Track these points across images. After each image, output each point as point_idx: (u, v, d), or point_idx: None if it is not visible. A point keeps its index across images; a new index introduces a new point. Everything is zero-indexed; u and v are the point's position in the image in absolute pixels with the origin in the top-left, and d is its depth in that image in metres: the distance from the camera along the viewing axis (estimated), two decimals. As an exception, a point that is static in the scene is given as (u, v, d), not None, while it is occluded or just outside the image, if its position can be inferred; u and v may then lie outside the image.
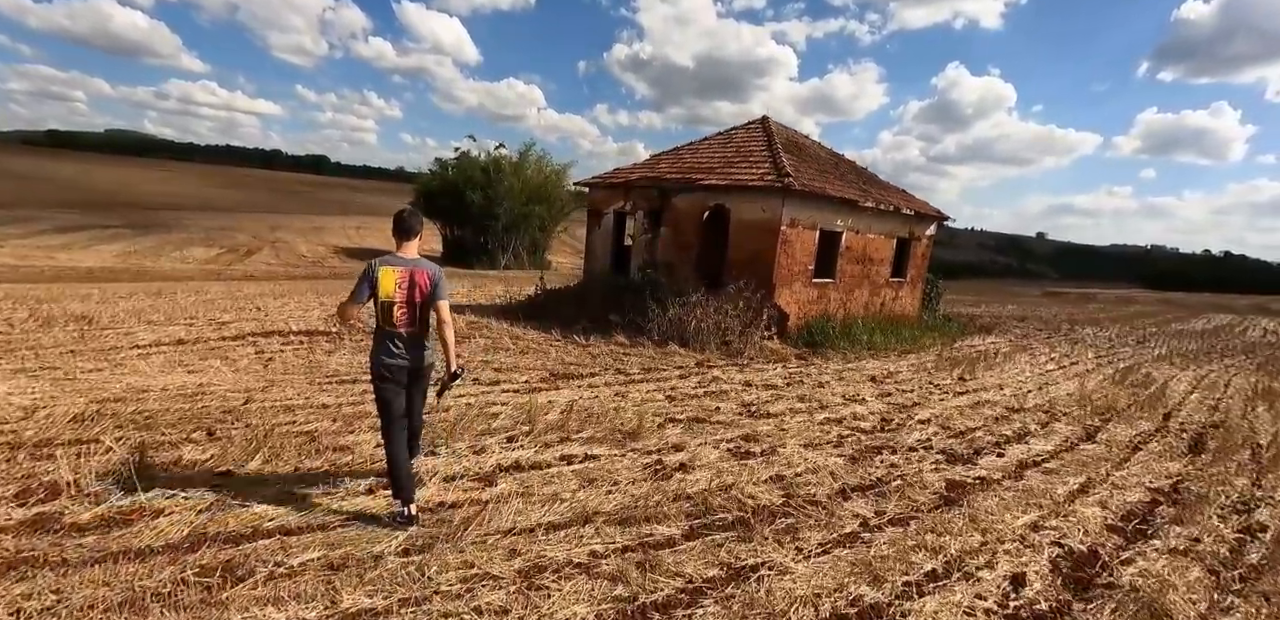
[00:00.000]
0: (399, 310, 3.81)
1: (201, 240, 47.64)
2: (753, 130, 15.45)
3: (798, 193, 12.07)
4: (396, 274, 3.78)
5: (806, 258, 12.98)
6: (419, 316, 3.89)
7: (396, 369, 3.90)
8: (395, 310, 3.80)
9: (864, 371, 11.01)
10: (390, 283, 3.76)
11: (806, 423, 7.23)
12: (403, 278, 3.79)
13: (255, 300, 16.98)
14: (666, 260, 14.06)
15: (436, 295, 3.86)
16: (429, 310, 3.91)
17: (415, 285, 3.81)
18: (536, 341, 11.39)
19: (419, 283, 3.82)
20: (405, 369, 3.93)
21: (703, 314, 11.52)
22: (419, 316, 3.89)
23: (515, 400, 7.13)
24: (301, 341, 10.55)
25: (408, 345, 3.90)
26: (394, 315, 3.81)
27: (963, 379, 11.24)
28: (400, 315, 3.82)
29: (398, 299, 3.79)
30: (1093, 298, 43.63)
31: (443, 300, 3.90)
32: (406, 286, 3.79)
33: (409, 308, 3.83)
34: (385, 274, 3.76)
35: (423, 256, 4.04)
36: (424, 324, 3.95)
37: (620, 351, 10.86)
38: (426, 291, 3.84)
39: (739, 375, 9.58)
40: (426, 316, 3.93)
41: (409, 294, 3.81)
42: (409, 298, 3.81)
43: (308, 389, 7.37)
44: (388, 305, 3.79)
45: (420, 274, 3.83)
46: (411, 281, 3.80)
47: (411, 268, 3.84)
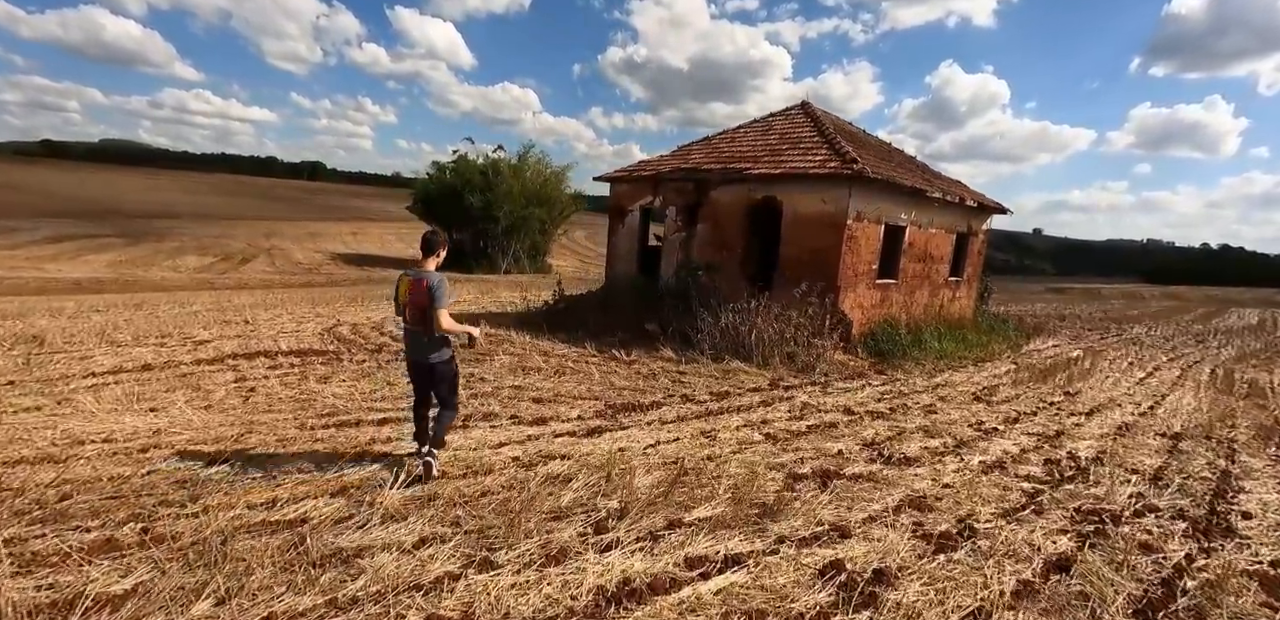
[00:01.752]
0: (409, 312, 4.27)
1: (195, 249, 45.23)
2: (794, 116, 13.51)
3: (866, 182, 10.14)
4: (408, 282, 4.24)
5: (871, 256, 11.04)
6: (424, 318, 4.22)
7: (411, 362, 4.54)
8: (407, 312, 4.28)
9: (957, 387, 9.07)
10: (404, 289, 4.25)
11: (963, 472, 5.26)
12: (412, 285, 4.21)
13: (244, 312, 14.85)
14: (706, 261, 12.08)
15: (433, 303, 4.15)
16: (429, 313, 4.18)
17: (418, 292, 4.18)
18: (571, 358, 9.37)
19: (420, 290, 4.17)
20: (415, 363, 4.50)
21: (763, 322, 9.56)
22: (424, 318, 4.22)
23: (577, 450, 5.12)
24: (292, 365, 8.48)
25: (417, 342, 4.37)
26: (407, 315, 4.30)
27: (1067, 394, 9.34)
28: (410, 315, 4.28)
29: (407, 301, 4.25)
30: (1097, 294, 42.07)
31: (440, 309, 4.16)
32: (411, 292, 4.21)
33: (416, 310, 4.24)
34: (402, 282, 4.28)
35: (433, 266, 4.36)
36: (429, 325, 4.22)
37: (673, 369, 8.86)
38: (424, 299, 4.17)
39: (828, 399, 7.61)
40: (430, 319, 4.20)
41: (414, 298, 4.21)
42: (414, 301, 4.22)
43: (297, 437, 5.33)
44: (402, 307, 4.30)
45: (421, 282, 4.18)
46: (416, 288, 4.19)
47: (417, 277, 4.23)
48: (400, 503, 3.90)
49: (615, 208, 14.14)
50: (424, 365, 4.40)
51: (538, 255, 44.11)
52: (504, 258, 41.15)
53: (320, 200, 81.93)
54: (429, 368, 4.40)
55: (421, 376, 4.51)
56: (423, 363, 4.39)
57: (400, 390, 7.20)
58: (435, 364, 4.39)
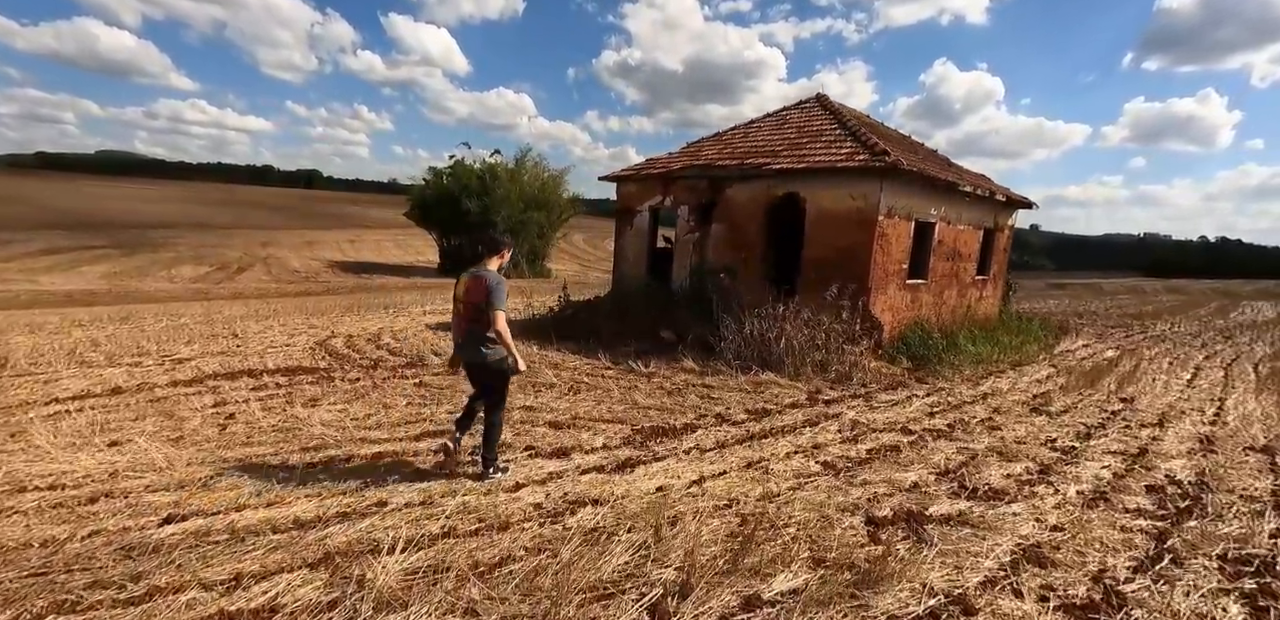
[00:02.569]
0: (465, 309, 4.28)
1: (191, 259, 44.26)
2: (810, 109, 12.67)
3: (898, 176, 9.30)
4: (465, 280, 4.30)
5: (902, 254, 10.19)
6: (478, 316, 4.21)
7: (460, 360, 4.50)
8: (460, 308, 4.33)
9: (1007, 396, 8.22)
10: (463, 287, 4.31)
11: (1065, 507, 4.39)
12: (470, 283, 4.27)
13: (235, 324, 13.93)
14: (723, 263, 11.22)
15: (490, 303, 4.13)
16: (486, 313, 4.15)
17: (476, 289, 4.21)
18: (585, 372, 8.49)
19: (479, 288, 4.20)
20: (467, 363, 4.43)
21: (793, 329, 8.69)
22: (478, 316, 4.21)
23: (610, 491, 4.24)
24: (278, 385, 7.58)
25: (468, 341, 4.32)
26: (460, 313, 4.34)
27: (1124, 400, 8.50)
28: (466, 312, 4.28)
29: (461, 299, 4.31)
30: (1099, 289, 41.33)
31: (497, 309, 4.13)
32: (470, 290, 4.25)
33: (471, 308, 4.25)
34: (461, 280, 4.34)
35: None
36: (483, 324, 4.20)
37: (698, 382, 7.99)
38: (481, 296, 4.17)
39: (878, 415, 6.74)
40: (485, 318, 4.17)
41: (470, 297, 4.25)
42: (470, 299, 4.25)
43: (275, 478, 4.45)
44: (457, 304, 4.36)
45: (481, 280, 4.21)
46: (475, 286, 4.23)
47: (477, 275, 4.26)
48: (399, 579, 3.02)
49: (623, 209, 13.28)
50: (474, 363, 4.35)
51: (537, 259, 43.21)
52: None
53: (317, 208, 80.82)
54: (480, 366, 4.34)
55: (472, 376, 4.50)
56: (473, 360, 4.34)
57: (398, 415, 6.32)
58: (484, 363, 4.31)
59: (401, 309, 17.89)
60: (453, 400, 6.82)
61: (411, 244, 54.07)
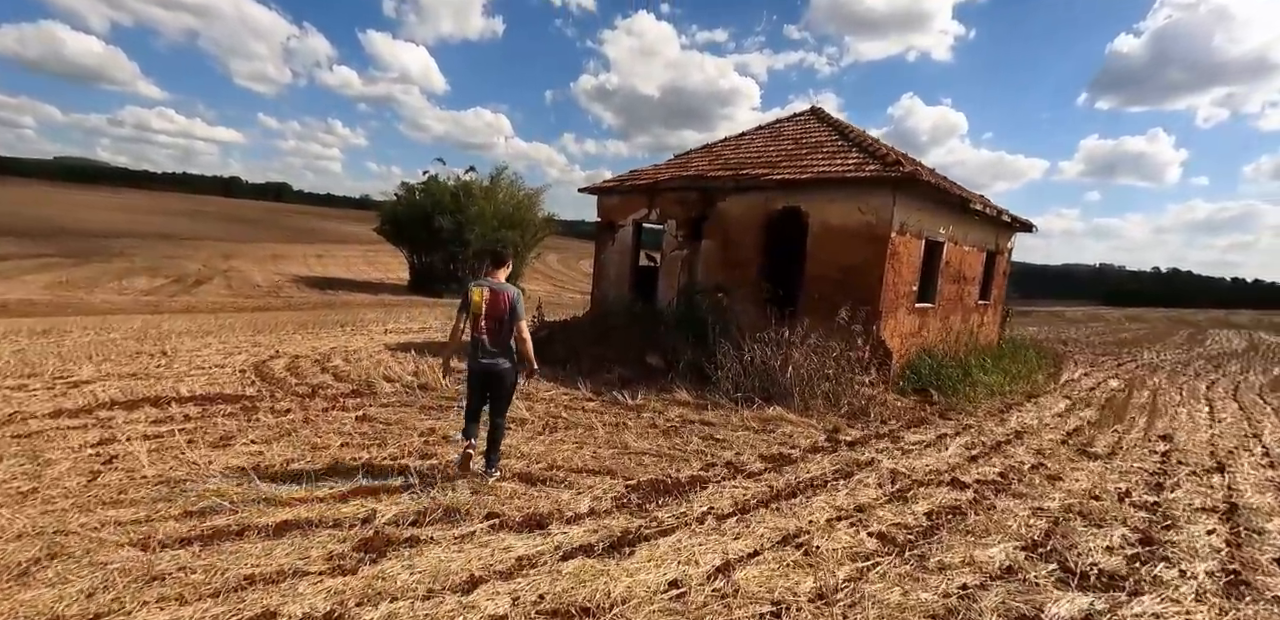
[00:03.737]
0: (487, 322, 4.28)
1: (145, 270, 41.66)
2: (805, 121, 11.74)
3: (912, 188, 8.30)
4: (487, 292, 4.29)
5: (912, 275, 9.16)
6: (498, 328, 4.28)
7: (478, 371, 4.35)
8: (484, 322, 4.28)
9: (1042, 435, 7.12)
10: (480, 299, 4.28)
11: (1205, 598, 3.24)
12: (492, 296, 4.28)
13: (170, 340, 12.25)
14: (715, 282, 10.06)
15: (517, 314, 4.28)
16: (509, 324, 4.28)
17: (498, 302, 4.26)
18: (564, 404, 7.16)
19: (502, 301, 4.26)
20: (484, 371, 4.33)
21: (801, 356, 7.51)
22: (498, 328, 4.28)
23: (607, 590, 2.93)
24: (186, 417, 6.07)
25: (487, 351, 4.31)
26: (479, 325, 4.29)
27: (1163, 439, 7.50)
28: (488, 325, 4.28)
29: (482, 312, 4.26)
30: (1061, 315, 41.48)
31: (522, 320, 4.31)
32: (490, 303, 4.26)
33: (494, 321, 4.27)
34: (476, 292, 4.30)
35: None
36: (504, 335, 4.30)
37: (695, 418, 6.72)
38: (505, 309, 4.26)
39: (915, 461, 5.54)
40: (506, 329, 4.29)
41: (492, 310, 4.26)
42: (492, 313, 4.26)
43: (115, 573, 3.03)
44: (475, 317, 4.29)
45: (502, 294, 4.29)
46: (497, 300, 4.26)
47: (497, 289, 4.32)
48: None
49: (604, 222, 12.09)
50: (492, 372, 4.35)
51: (511, 279, 41.50)
52: (475, 281, 38.60)
53: (286, 221, 77.92)
54: (498, 374, 4.36)
55: (485, 385, 4.42)
56: (491, 370, 4.34)
57: (326, 460, 4.90)
58: (504, 371, 4.37)
59: (361, 327, 16.32)
60: (400, 441, 5.43)
61: (382, 260, 52.12)
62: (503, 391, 4.46)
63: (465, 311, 4.33)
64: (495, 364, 4.32)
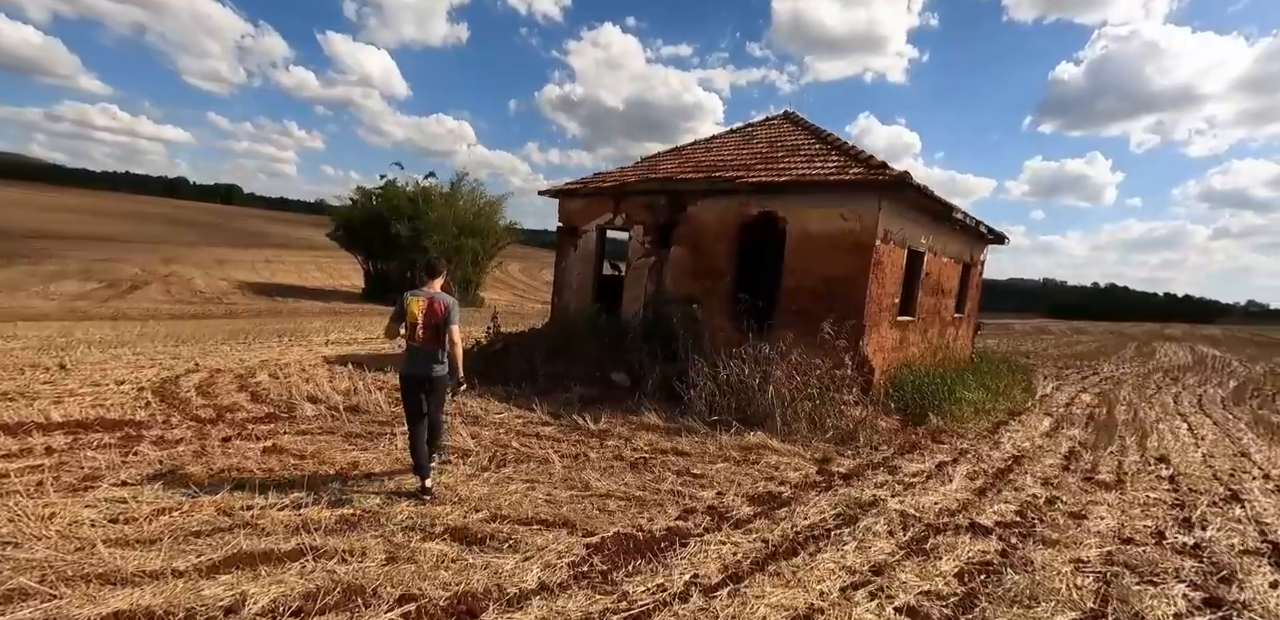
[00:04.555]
0: (422, 331, 4.27)
1: (77, 273, 38.74)
2: (779, 125, 11.09)
3: (899, 194, 7.65)
4: (422, 301, 4.29)
5: (895, 287, 8.50)
6: (435, 336, 4.29)
7: (412, 378, 4.39)
8: (419, 331, 4.27)
9: (1042, 460, 6.47)
10: (416, 308, 4.27)
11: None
12: (427, 305, 4.28)
13: (75, 351, 10.76)
14: (684, 292, 9.25)
15: (450, 320, 4.28)
16: (443, 332, 4.28)
17: (434, 311, 4.26)
18: (515, 428, 6.17)
19: (437, 310, 4.27)
20: (417, 378, 4.37)
21: (784, 375, 6.71)
22: (435, 336, 4.29)
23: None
24: (48, 450, 4.86)
25: (423, 359, 4.33)
26: (416, 334, 4.28)
27: (1161, 461, 6.96)
28: (423, 334, 4.27)
29: (419, 321, 4.25)
30: (1010, 328, 42.21)
31: (455, 326, 4.32)
32: (426, 312, 4.25)
33: (429, 329, 4.27)
34: (412, 301, 4.29)
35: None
36: (443, 342, 4.31)
37: (667, 446, 5.82)
38: (441, 317, 4.27)
39: (921, 497, 4.74)
40: (441, 337, 4.29)
41: (428, 319, 4.26)
42: (428, 322, 4.26)
43: None
44: (412, 326, 4.28)
45: (437, 303, 4.30)
46: (432, 308, 4.27)
47: (432, 297, 4.32)
48: None
49: (566, 227, 11.17)
50: (426, 379, 4.36)
51: (470, 288, 40.22)
52: (432, 289, 36.96)
53: (236, 225, 74.18)
54: (431, 381, 4.37)
55: (420, 391, 4.40)
56: (426, 376, 4.35)
57: (205, 516, 3.82)
58: (437, 377, 4.39)
59: (302, 337, 14.94)
60: (310, 482, 4.38)
61: (336, 267, 49.86)
62: (439, 396, 4.50)
63: (400, 320, 4.34)
64: (431, 371, 4.36)
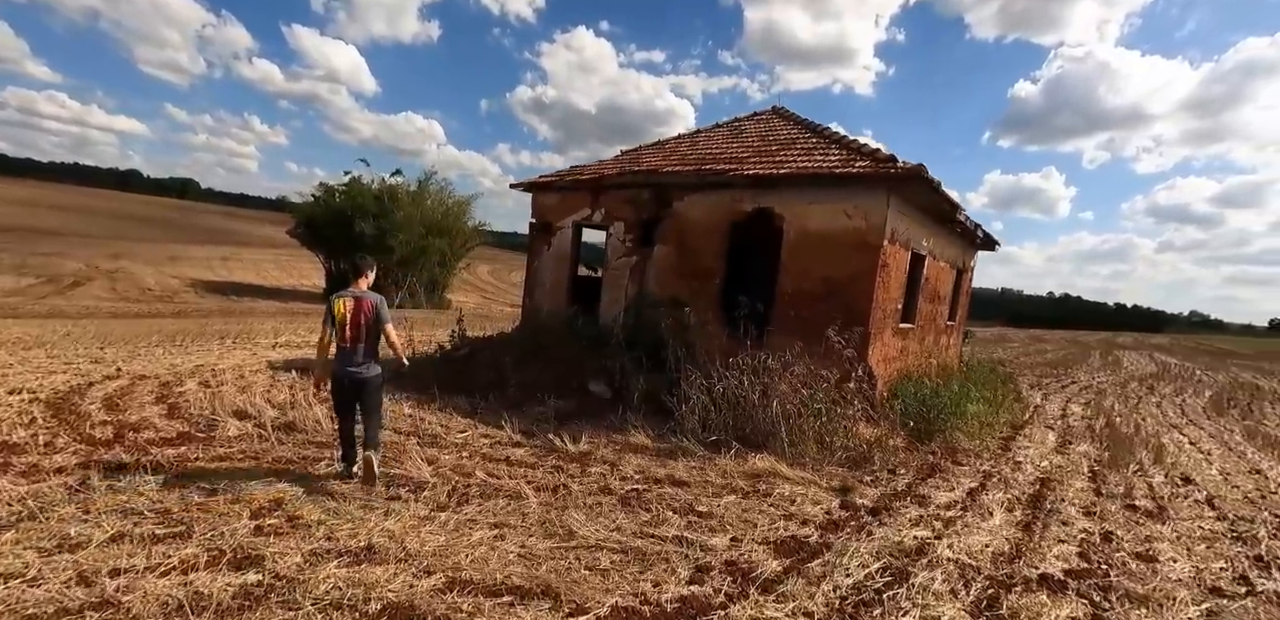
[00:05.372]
0: (350, 330, 4.14)
1: (13, 268, 36.04)
2: (768, 120, 10.34)
3: (908, 189, 6.93)
4: (350, 302, 4.16)
5: (899, 292, 7.77)
6: (364, 336, 4.17)
7: (344, 379, 4.21)
8: (349, 330, 4.14)
9: (1071, 483, 5.77)
10: (344, 308, 4.14)
11: None
12: (355, 304, 4.16)
13: (-19, 353, 9.36)
14: (670, 295, 8.39)
15: (382, 318, 4.20)
16: (375, 331, 4.20)
17: (363, 310, 4.16)
18: (481, 451, 5.19)
19: (366, 308, 4.17)
20: (350, 378, 4.20)
21: (789, 389, 5.88)
22: (364, 336, 4.17)
23: None
24: None
25: (354, 359, 4.18)
26: (345, 334, 4.15)
27: (1187, 482, 6.35)
28: (351, 333, 4.14)
29: (348, 321, 4.13)
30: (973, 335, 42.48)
31: (389, 324, 4.24)
32: (355, 311, 4.14)
33: (358, 328, 4.15)
34: (340, 302, 4.16)
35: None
36: (371, 343, 4.22)
37: (661, 472, 4.92)
38: (370, 316, 4.17)
39: (967, 537, 3.94)
40: (372, 336, 4.21)
41: (356, 317, 4.14)
42: (357, 321, 4.14)
43: None
44: (341, 326, 4.15)
45: (365, 301, 4.18)
46: (360, 307, 4.16)
47: (359, 297, 4.19)
48: None
49: (540, 223, 10.22)
50: (359, 379, 4.22)
51: (437, 290, 38.69)
52: (399, 291, 35.42)
53: (192, 221, 70.64)
54: (363, 382, 4.24)
55: (353, 392, 4.26)
56: (358, 377, 4.21)
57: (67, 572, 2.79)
58: (370, 378, 4.26)
59: (249, 339, 13.60)
60: (213, 528, 3.35)
61: (296, 266, 47.66)
62: (372, 399, 4.34)
63: (330, 323, 4.15)
64: (361, 372, 4.23)
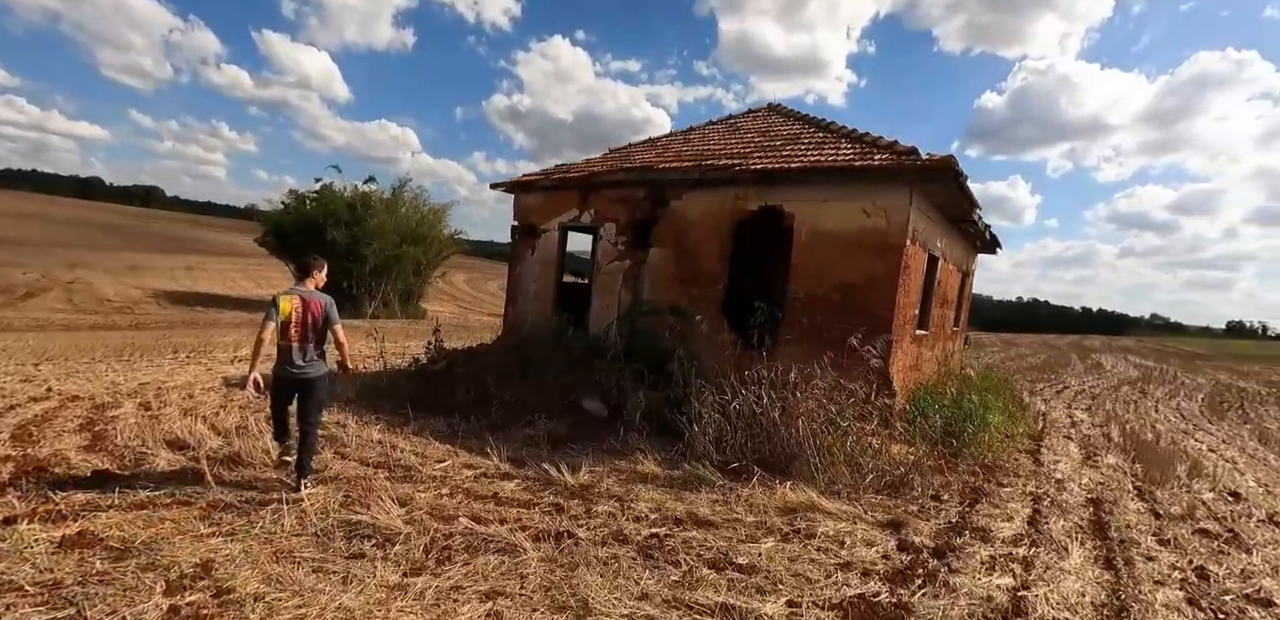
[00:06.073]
0: (296, 329, 4.00)
1: (-41, 280, 33.93)
2: (764, 116, 9.72)
3: (937, 184, 6.31)
4: (296, 301, 4.03)
5: (917, 296, 7.15)
6: (310, 336, 4.05)
7: (287, 378, 4.07)
8: (294, 329, 4.00)
9: (1125, 505, 5.15)
10: (289, 307, 3.99)
11: None
12: (302, 303, 4.02)
13: (-111, 373, 8.19)
14: (667, 302, 7.65)
15: (331, 318, 4.10)
16: (321, 331, 4.10)
17: (311, 309, 4.03)
18: (463, 485, 4.36)
19: (314, 307, 4.05)
20: (294, 378, 4.06)
21: (817, 406, 5.17)
22: (310, 336, 4.05)
23: None
24: None
25: (299, 358, 4.04)
26: (290, 333, 4.00)
27: (1234, 497, 5.80)
28: (297, 333, 4.01)
29: (293, 319, 3.99)
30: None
31: (338, 323, 4.15)
32: (302, 310, 4.01)
33: (304, 327, 4.03)
34: (285, 301, 4.01)
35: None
36: (316, 343, 4.10)
37: (681, 509, 4.14)
38: (318, 316, 4.06)
39: (1058, 585, 3.23)
40: (319, 337, 4.10)
41: (303, 317, 4.00)
42: (304, 320, 4.01)
43: None
44: (285, 325, 3.99)
45: (313, 301, 4.08)
46: (308, 306, 4.03)
47: (307, 296, 4.07)
48: None
49: (523, 225, 9.43)
50: (304, 379, 4.10)
51: (412, 299, 37.39)
52: (372, 301, 34.06)
53: (157, 229, 67.86)
54: (309, 382, 4.12)
55: (294, 391, 4.13)
56: (304, 376, 4.08)
57: None
58: (315, 378, 4.14)
59: (207, 352, 12.49)
60: (116, 613, 2.50)
61: (265, 275, 45.85)
62: (314, 400, 4.19)
63: (273, 321, 3.99)
64: (306, 373, 4.09)
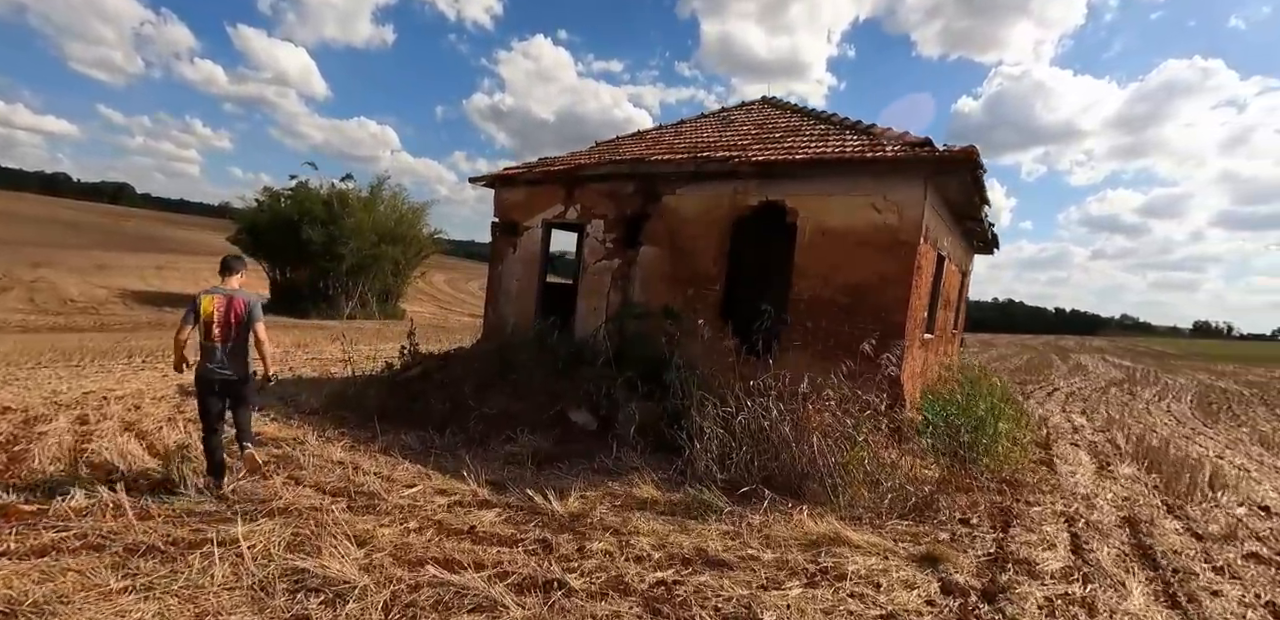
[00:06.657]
0: (219, 329, 3.97)
1: (-88, 279, 32.16)
2: (759, 109, 9.21)
3: (954, 178, 5.84)
4: (218, 300, 4.00)
5: (926, 297, 6.69)
6: (233, 335, 4.00)
7: (212, 380, 4.01)
8: (216, 329, 3.97)
9: (1160, 524, 4.70)
10: (211, 307, 3.97)
11: None
12: (224, 303, 3.99)
13: None
14: (661, 303, 7.10)
15: (255, 317, 4.05)
16: (244, 330, 4.03)
17: (233, 308, 4.00)
18: (439, 519, 3.76)
19: (237, 306, 4.01)
20: (220, 380, 4.02)
21: (834, 420, 4.65)
22: (233, 335, 4.00)
23: None
24: None
25: (223, 358, 4.02)
26: (212, 333, 3.96)
27: (1265, 512, 5.42)
28: (220, 332, 3.98)
29: (215, 319, 3.96)
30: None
31: (260, 322, 4.08)
32: (224, 309, 3.98)
33: (227, 327, 3.99)
34: (207, 300, 3.99)
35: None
36: (240, 342, 4.04)
37: (687, 543, 3.59)
38: (241, 315, 4.01)
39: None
40: (242, 336, 4.04)
41: (226, 316, 3.98)
42: (227, 319, 3.98)
43: None
44: (207, 325, 3.96)
45: (236, 300, 4.03)
46: (231, 306, 4.00)
47: (229, 295, 4.04)
48: None
49: (504, 222, 8.81)
50: (229, 381, 4.06)
51: (390, 299, 36.34)
52: (349, 301, 32.99)
53: (122, 227, 65.52)
54: (232, 383, 4.08)
55: (222, 393, 4.09)
56: (228, 378, 4.05)
57: None
58: (239, 379, 4.10)
59: (165, 357, 11.63)
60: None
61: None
62: (241, 398, 4.12)
63: (194, 322, 3.93)
64: (230, 373, 4.01)
